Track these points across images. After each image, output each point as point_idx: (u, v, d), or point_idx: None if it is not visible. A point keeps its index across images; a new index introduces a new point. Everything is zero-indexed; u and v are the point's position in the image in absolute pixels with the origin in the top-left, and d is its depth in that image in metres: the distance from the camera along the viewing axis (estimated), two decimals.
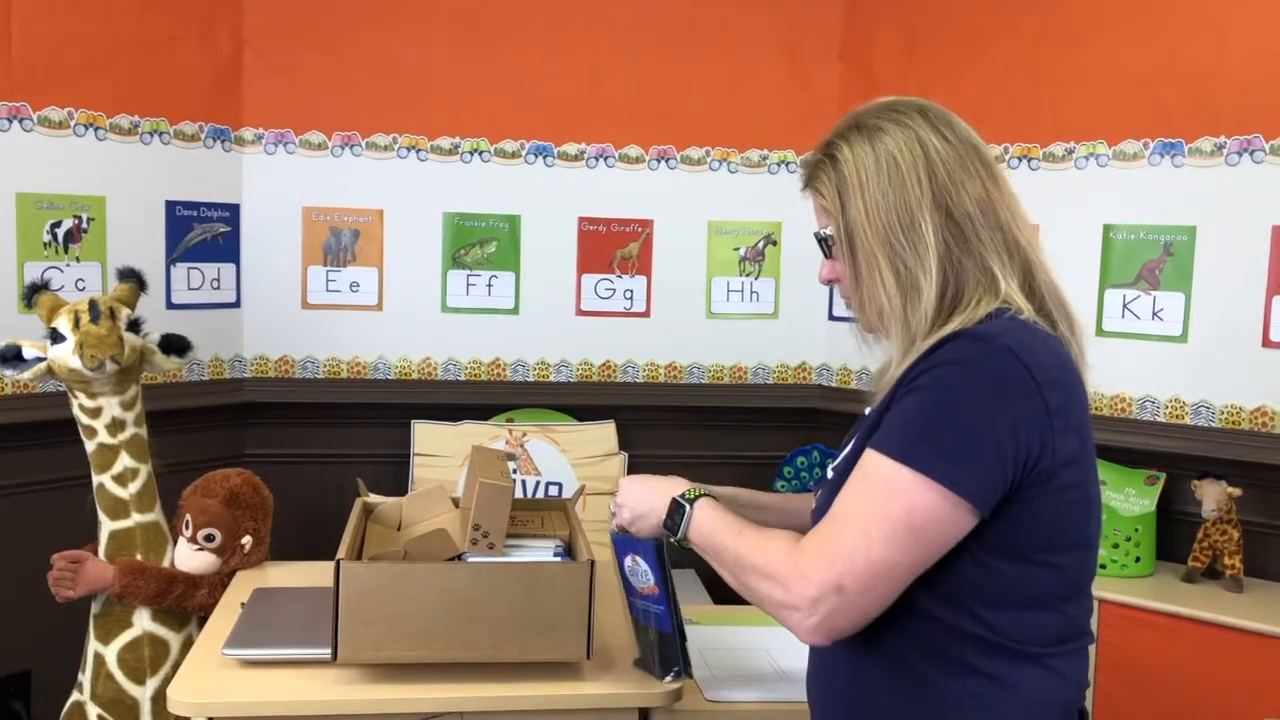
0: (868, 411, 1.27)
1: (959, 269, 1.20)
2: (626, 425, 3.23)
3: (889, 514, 1.10)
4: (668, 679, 1.66)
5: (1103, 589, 2.56)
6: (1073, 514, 1.16)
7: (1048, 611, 1.17)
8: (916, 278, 1.20)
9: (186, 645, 2.18)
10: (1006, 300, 1.19)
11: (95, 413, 2.14)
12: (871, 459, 1.14)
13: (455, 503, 1.97)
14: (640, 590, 1.61)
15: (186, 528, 2.21)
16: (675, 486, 1.39)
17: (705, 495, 1.35)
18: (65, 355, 2.06)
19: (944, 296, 1.20)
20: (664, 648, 1.64)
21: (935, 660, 1.16)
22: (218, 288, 3.05)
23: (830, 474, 1.31)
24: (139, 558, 2.18)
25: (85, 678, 2.20)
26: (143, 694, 2.18)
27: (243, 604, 1.94)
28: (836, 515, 1.14)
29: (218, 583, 2.18)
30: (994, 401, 1.11)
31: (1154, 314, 2.75)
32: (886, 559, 1.10)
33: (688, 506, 1.33)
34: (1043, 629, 1.17)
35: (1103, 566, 2.67)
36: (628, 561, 1.59)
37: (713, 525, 1.30)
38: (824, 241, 1.29)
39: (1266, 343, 2.59)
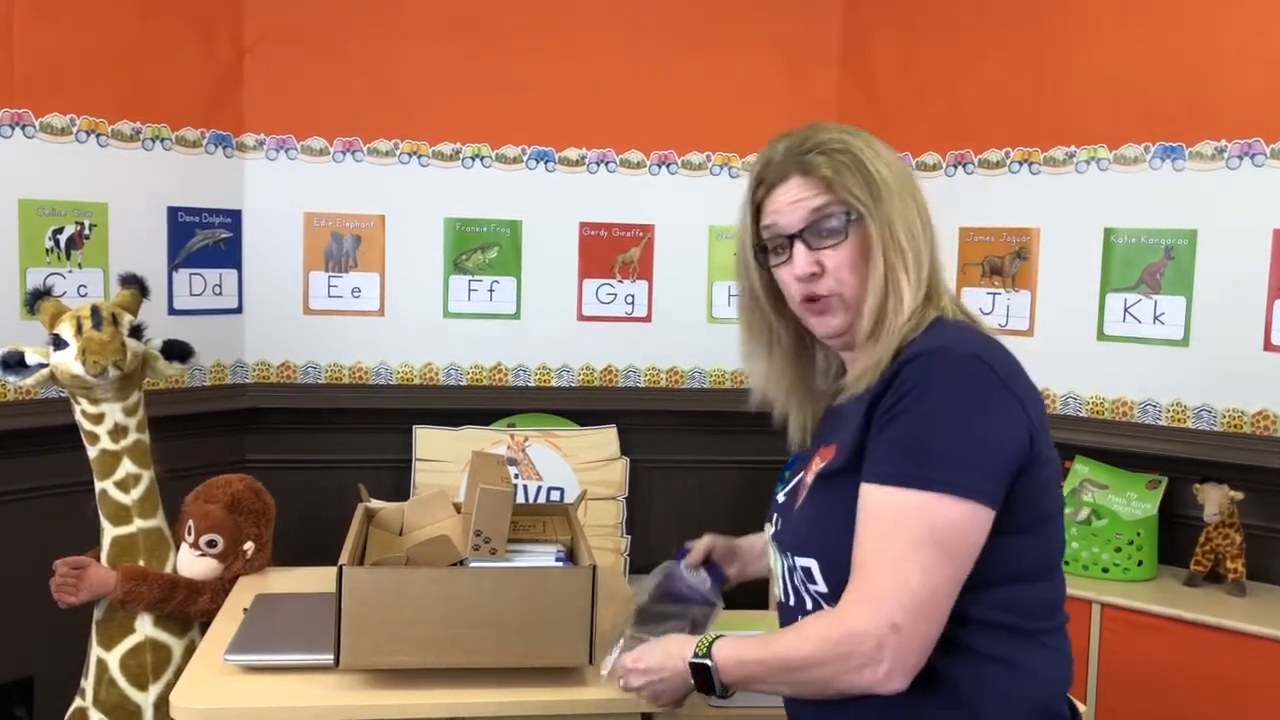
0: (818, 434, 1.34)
1: (930, 274, 1.28)
2: (628, 430, 3.23)
3: (913, 540, 1.11)
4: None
5: (1104, 593, 2.56)
6: (1048, 487, 1.21)
7: (1040, 583, 1.20)
8: (925, 273, 1.26)
9: (189, 651, 2.18)
10: (939, 305, 1.26)
11: (97, 419, 2.15)
12: (874, 495, 1.14)
13: (457, 508, 1.97)
14: (691, 586, 1.66)
15: (189, 533, 2.21)
16: (683, 648, 1.33)
17: (715, 639, 1.31)
18: (68, 361, 2.07)
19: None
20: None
21: (941, 649, 1.16)
22: (219, 293, 3.06)
23: (792, 484, 1.35)
24: (141, 563, 2.18)
25: (88, 684, 2.20)
26: (145, 700, 2.18)
27: (245, 610, 1.94)
28: (863, 562, 1.14)
29: (220, 588, 2.18)
30: (975, 405, 1.14)
31: (1155, 318, 2.75)
32: (926, 584, 1.11)
33: (708, 662, 1.28)
34: (1041, 601, 1.20)
35: (1104, 570, 2.67)
36: (688, 564, 1.68)
37: (741, 656, 1.26)
38: (849, 222, 1.26)
39: (1268, 346, 2.59)
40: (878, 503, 1.14)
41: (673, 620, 1.61)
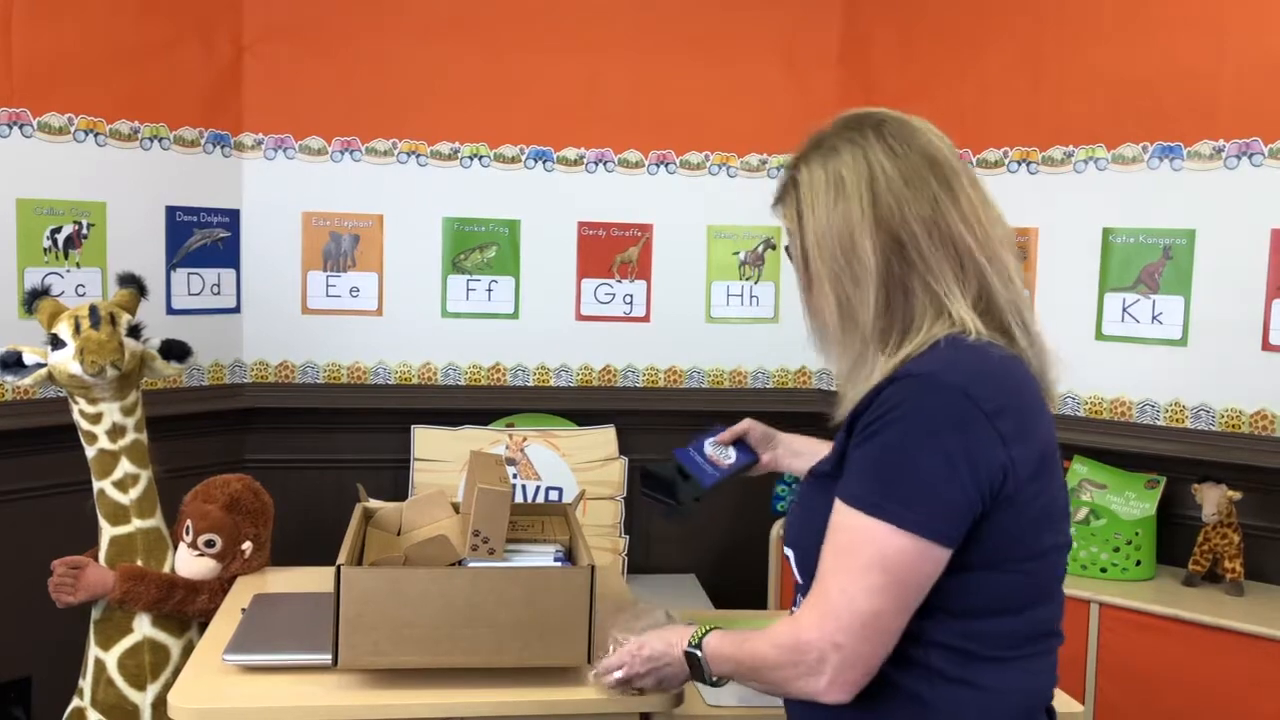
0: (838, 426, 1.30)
1: (906, 290, 1.21)
2: (627, 430, 3.23)
3: (863, 565, 1.13)
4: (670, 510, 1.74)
5: (1102, 592, 2.56)
6: (1033, 527, 1.18)
7: (1012, 617, 1.18)
8: (854, 302, 1.22)
9: (187, 651, 2.18)
10: (957, 322, 1.20)
11: (96, 418, 2.14)
12: (840, 512, 1.16)
13: (455, 508, 1.97)
14: (710, 456, 1.72)
15: (187, 533, 2.21)
16: (682, 638, 1.40)
17: (708, 631, 1.37)
18: (66, 361, 2.07)
19: (889, 319, 1.21)
20: (685, 488, 1.72)
21: (901, 666, 1.18)
22: (218, 293, 3.06)
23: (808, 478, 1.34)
24: (140, 563, 2.18)
25: (86, 684, 2.20)
26: (143, 700, 2.18)
27: (243, 609, 1.94)
28: (821, 574, 1.18)
29: (218, 588, 2.18)
30: (944, 438, 1.12)
31: (1154, 317, 2.75)
32: (871, 608, 1.13)
33: (698, 652, 1.35)
34: (1008, 634, 1.18)
35: (1102, 570, 2.67)
36: (716, 441, 1.75)
37: (724, 651, 1.33)
38: (790, 256, 1.33)
39: (1266, 346, 2.59)
40: (841, 520, 1.16)
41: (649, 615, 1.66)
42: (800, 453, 1.80)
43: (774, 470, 1.84)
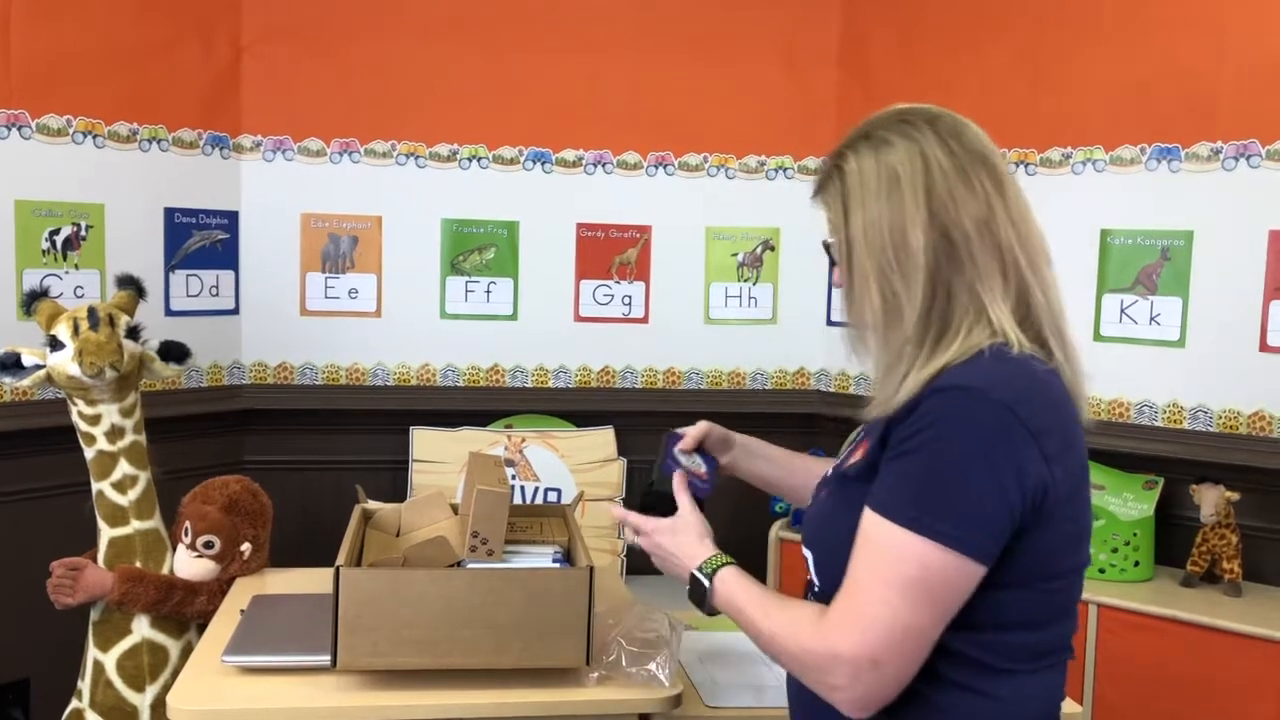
0: (862, 428, 1.27)
1: (949, 291, 1.18)
2: (625, 431, 3.23)
3: (904, 579, 1.10)
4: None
5: (1101, 593, 2.56)
6: (1066, 546, 1.16)
7: (1033, 631, 1.17)
8: (900, 300, 1.18)
9: (186, 652, 2.18)
10: (998, 330, 1.16)
11: (94, 420, 2.15)
12: (875, 524, 1.13)
13: (454, 509, 1.97)
14: (686, 467, 1.62)
15: (186, 535, 2.21)
16: (704, 553, 1.33)
17: (726, 565, 1.30)
18: (64, 362, 2.07)
19: (928, 320, 1.17)
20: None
21: (919, 674, 1.15)
22: (216, 294, 3.06)
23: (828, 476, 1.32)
24: (138, 565, 2.18)
25: (84, 685, 2.20)
26: (142, 701, 2.17)
27: (242, 611, 1.94)
28: (855, 586, 1.13)
29: (217, 590, 2.18)
30: (990, 455, 1.09)
31: (1151, 319, 2.75)
32: (911, 623, 1.10)
33: (706, 582, 1.29)
34: (1024, 647, 1.17)
35: (1101, 571, 2.67)
36: (681, 449, 1.63)
37: (737, 602, 1.26)
38: (829, 250, 1.28)
39: (1264, 347, 2.59)
40: (879, 533, 1.12)
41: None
42: (756, 455, 1.71)
43: (731, 475, 1.72)
